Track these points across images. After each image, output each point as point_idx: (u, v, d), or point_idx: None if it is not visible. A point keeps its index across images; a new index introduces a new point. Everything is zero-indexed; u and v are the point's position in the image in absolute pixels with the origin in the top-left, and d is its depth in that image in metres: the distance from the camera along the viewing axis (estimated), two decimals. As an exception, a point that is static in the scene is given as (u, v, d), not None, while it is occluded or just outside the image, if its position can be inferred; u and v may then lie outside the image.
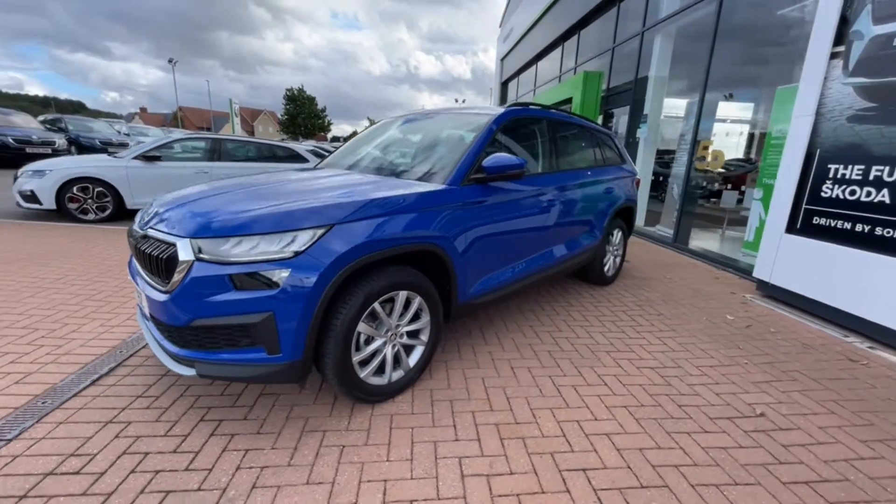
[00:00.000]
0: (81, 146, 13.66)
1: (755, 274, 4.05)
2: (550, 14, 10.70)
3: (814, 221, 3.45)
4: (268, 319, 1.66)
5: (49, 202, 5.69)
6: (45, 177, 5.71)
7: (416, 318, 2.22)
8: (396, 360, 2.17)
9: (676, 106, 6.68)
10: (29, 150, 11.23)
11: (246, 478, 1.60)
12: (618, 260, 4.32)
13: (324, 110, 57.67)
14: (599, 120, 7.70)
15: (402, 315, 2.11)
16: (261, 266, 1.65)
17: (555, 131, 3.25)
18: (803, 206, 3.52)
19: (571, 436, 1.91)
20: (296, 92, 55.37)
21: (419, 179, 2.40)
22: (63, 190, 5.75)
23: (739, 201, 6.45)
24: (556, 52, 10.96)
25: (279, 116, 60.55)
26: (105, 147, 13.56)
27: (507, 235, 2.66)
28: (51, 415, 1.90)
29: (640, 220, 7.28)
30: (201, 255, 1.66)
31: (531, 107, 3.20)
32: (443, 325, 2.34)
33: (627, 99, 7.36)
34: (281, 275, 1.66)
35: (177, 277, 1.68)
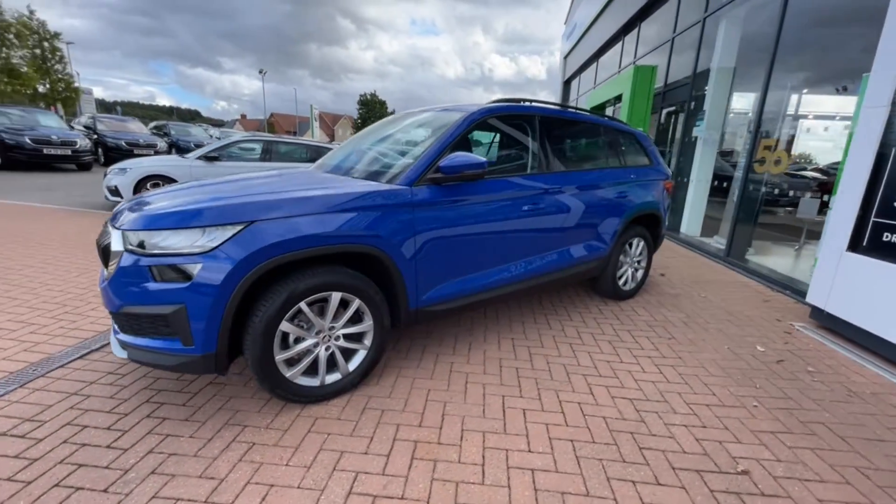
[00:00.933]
0: (180, 148, 15.68)
1: (808, 299, 3.36)
2: (612, 6, 9.98)
3: (884, 238, 2.76)
4: (180, 311, 1.71)
5: (127, 196, 6.58)
6: (126, 174, 6.62)
7: (358, 320, 2.17)
8: (334, 363, 2.13)
9: (744, 101, 5.82)
10: (136, 151, 13.13)
11: (152, 462, 1.67)
12: (639, 273, 3.86)
13: (392, 112, 60.32)
14: (648, 119, 7.00)
15: (338, 317, 2.08)
16: (176, 259, 1.71)
17: (549, 129, 2.98)
18: (871, 218, 2.84)
19: (491, 466, 1.71)
20: (368, 97, 58.53)
21: (375, 179, 2.34)
22: (139, 185, 6.63)
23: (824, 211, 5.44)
24: (617, 48, 10.18)
25: (354, 120, 64.31)
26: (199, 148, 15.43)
27: (474, 241, 2.49)
28: (32, 382, 2.16)
29: (695, 230, 6.49)
30: (128, 247, 1.76)
31: (524, 103, 2.97)
32: (388, 330, 2.25)
33: (685, 94, 6.58)
34: (193, 269, 1.70)
35: (111, 267, 1.81)
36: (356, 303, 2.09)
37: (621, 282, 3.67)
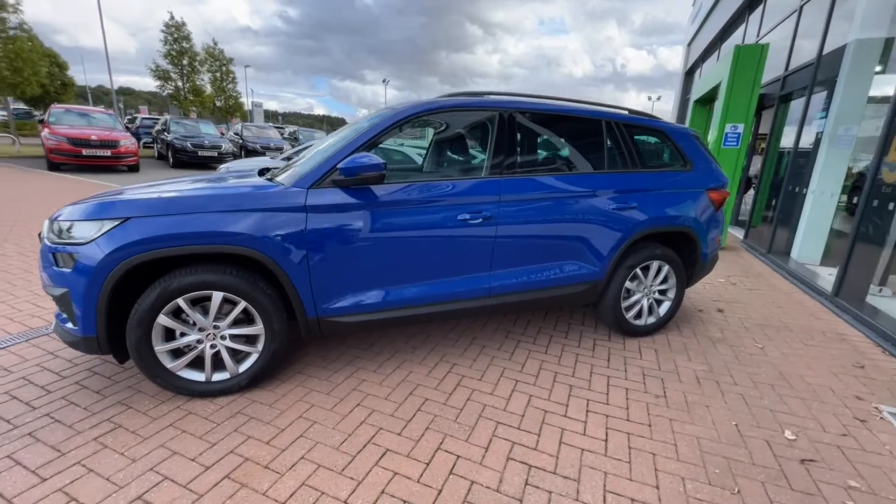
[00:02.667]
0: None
1: (914, 374, 2.21)
2: (739, -23, 8.17)
3: None
4: (65, 295, 1.90)
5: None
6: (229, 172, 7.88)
7: (250, 323, 2.14)
8: (223, 362, 2.14)
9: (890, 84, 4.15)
10: (268, 153, 15.57)
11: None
12: (663, 307, 3.06)
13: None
14: (751, 114, 5.49)
15: (224, 317, 2.07)
16: (64, 248, 1.90)
17: (515, 127, 2.51)
18: None
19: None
20: (487, 100, 59.34)
21: (289, 181, 2.26)
22: (235, 182, 7.81)
23: None
24: (740, 31, 8.30)
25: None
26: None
27: (394, 251, 2.24)
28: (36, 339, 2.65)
29: (813, 256, 4.92)
30: (48, 234, 2.03)
31: (488, 96, 2.57)
32: (283, 336, 2.16)
33: (808, 78, 4.99)
34: (74, 258, 1.87)
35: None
36: (241, 304, 2.07)
37: (630, 314, 2.94)
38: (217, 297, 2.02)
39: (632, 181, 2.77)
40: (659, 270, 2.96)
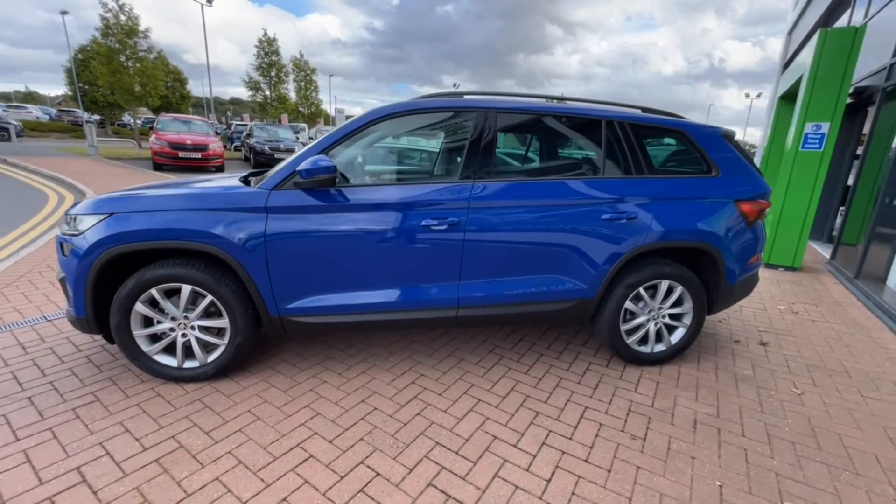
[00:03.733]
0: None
1: None
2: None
3: None
4: (63, 279, 2.17)
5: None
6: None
7: (219, 316, 2.26)
8: (201, 351, 2.28)
9: None
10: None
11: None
12: (676, 333, 2.65)
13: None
14: (839, 110, 4.53)
15: (194, 308, 2.21)
16: (66, 238, 2.17)
17: (493, 128, 2.33)
18: None
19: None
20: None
21: (262, 183, 2.33)
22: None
23: None
24: (846, 15, 6.96)
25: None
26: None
27: (355, 253, 2.21)
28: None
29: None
30: (61, 225, 2.32)
31: (466, 97, 2.43)
32: (247, 332, 2.24)
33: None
34: (70, 247, 2.12)
35: None
36: (208, 298, 2.19)
37: (632, 339, 2.59)
38: (186, 289, 2.17)
39: (632, 189, 2.43)
40: (670, 292, 2.58)
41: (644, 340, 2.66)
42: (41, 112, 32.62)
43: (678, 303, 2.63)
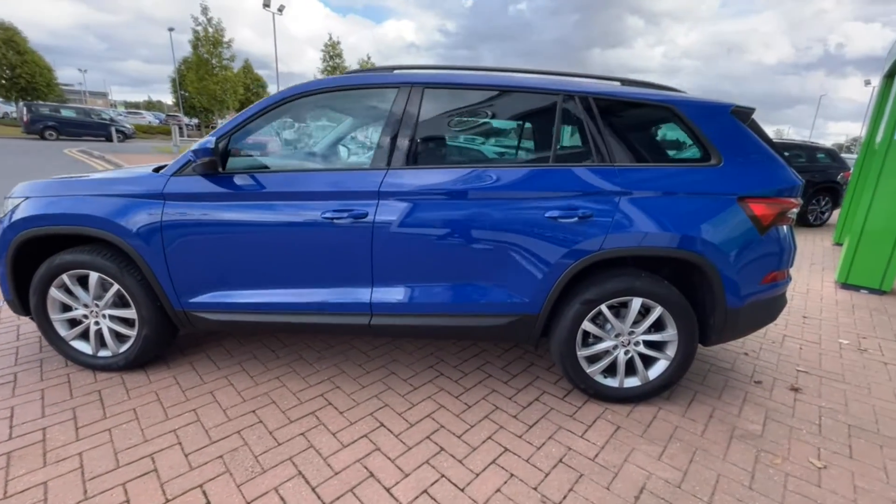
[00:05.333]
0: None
1: None
2: None
3: None
4: None
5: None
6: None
7: (128, 305, 2.18)
8: (113, 341, 2.22)
9: None
10: None
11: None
12: (655, 366, 2.07)
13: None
14: None
15: (103, 297, 2.15)
16: None
17: (419, 106, 1.96)
18: None
19: None
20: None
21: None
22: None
23: None
24: None
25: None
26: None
27: (254, 247, 2.00)
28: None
29: None
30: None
31: (396, 71, 2.08)
32: (150, 322, 2.13)
33: None
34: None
35: None
36: (115, 287, 2.12)
37: (594, 368, 2.06)
38: (93, 277, 2.11)
39: (590, 181, 1.92)
40: (647, 313, 2.01)
41: (612, 371, 2.12)
42: (153, 117, 37.68)
43: (658, 328, 2.06)
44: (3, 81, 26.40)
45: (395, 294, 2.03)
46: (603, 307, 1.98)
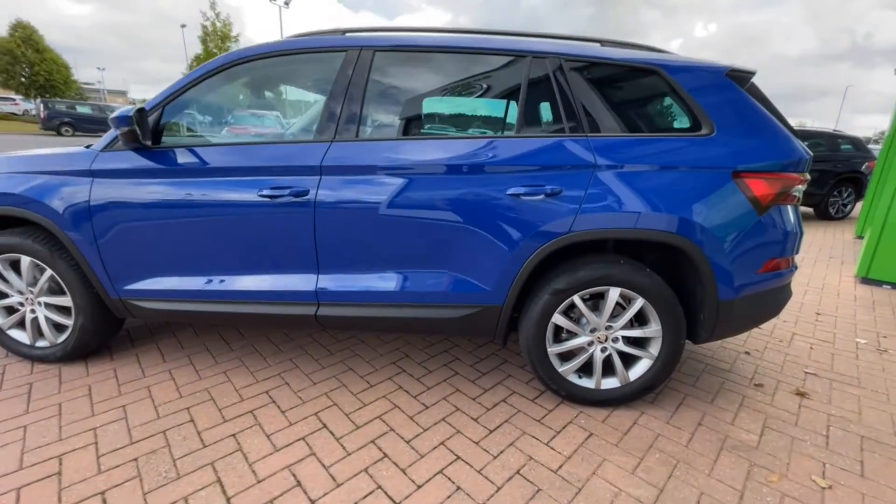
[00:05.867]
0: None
1: None
2: None
3: None
4: None
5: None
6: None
7: (63, 292, 2.03)
8: (50, 330, 2.08)
9: None
10: None
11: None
12: (637, 366, 1.83)
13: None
14: None
15: (36, 283, 2.01)
16: None
17: (367, 72, 1.75)
18: None
19: None
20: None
21: None
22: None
23: None
24: None
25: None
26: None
27: (188, 229, 1.82)
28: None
29: None
30: None
31: (346, 35, 1.86)
32: (85, 311, 1.97)
33: None
34: None
35: None
36: (48, 272, 1.97)
37: (566, 367, 1.83)
38: (25, 261, 1.96)
39: (559, 152, 1.67)
40: (627, 305, 1.77)
41: (588, 371, 1.89)
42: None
43: (640, 322, 1.82)
44: (23, 79, 27.03)
45: (343, 282, 1.83)
46: (576, 298, 1.74)
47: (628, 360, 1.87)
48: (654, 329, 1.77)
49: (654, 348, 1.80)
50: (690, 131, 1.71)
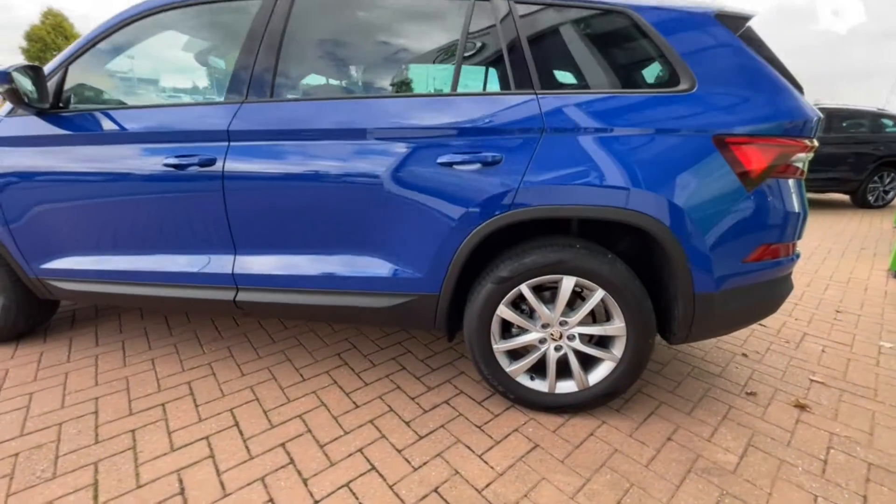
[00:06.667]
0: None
1: None
2: None
3: None
4: None
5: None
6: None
7: None
8: None
9: None
10: None
11: None
12: (598, 369, 1.56)
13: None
14: None
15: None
16: None
17: (285, 21, 1.50)
18: None
19: None
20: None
21: None
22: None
23: None
24: None
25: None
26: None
27: (91, 202, 1.65)
28: None
29: None
30: None
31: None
32: (7, 292, 1.86)
33: None
34: None
35: None
36: (-37, 249, 1.85)
37: (515, 367, 1.58)
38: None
39: (498, 112, 1.40)
40: (585, 297, 1.51)
41: (542, 372, 1.63)
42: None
43: (607, 317, 1.54)
44: (55, 66, 27.92)
45: (261, 265, 1.62)
46: (523, 288, 1.48)
47: (588, 362, 1.60)
48: (616, 326, 1.49)
49: (618, 349, 1.52)
50: (665, 87, 1.40)
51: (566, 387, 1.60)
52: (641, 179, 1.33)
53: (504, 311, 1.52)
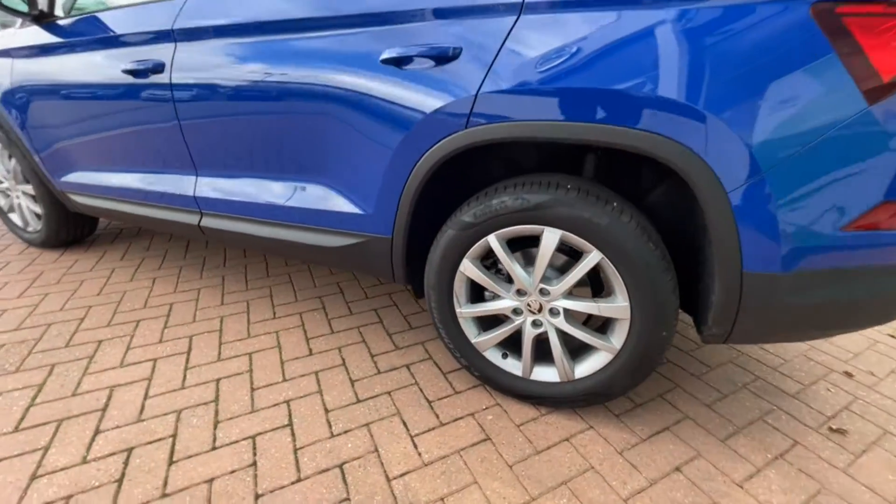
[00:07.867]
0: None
1: None
2: None
3: None
4: None
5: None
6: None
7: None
8: (31, 217, 2.22)
9: None
10: None
11: None
12: (590, 359, 1.15)
13: None
14: None
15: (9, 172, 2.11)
16: None
17: None
18: None
19: None
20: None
21: None
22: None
23: None
24: None
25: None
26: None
27: (78, 110, 1.64)
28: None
29: None
30: None
31: None
32: (43, 200, 2.02)
33: None
34: None
35: None
36: (12, 161, 2.04)
37: (483, 336, 1.23)
38: (-4, 148, 2.07)
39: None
40: (573, 261, 1.09)
41: (513, 351, 1.28)
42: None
43: (604, 291, 1.12)
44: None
45: (220, 188, 1.48)
46: (492, 239, 1.12)
47: (577, 351, 1.20)
48: (616, 306, 1.06)
49: (618, 337, 1.10)
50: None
51: (545, 374, 1.23)
52: (665, 82, 0.83)
53: (468, 268, 1.18)
